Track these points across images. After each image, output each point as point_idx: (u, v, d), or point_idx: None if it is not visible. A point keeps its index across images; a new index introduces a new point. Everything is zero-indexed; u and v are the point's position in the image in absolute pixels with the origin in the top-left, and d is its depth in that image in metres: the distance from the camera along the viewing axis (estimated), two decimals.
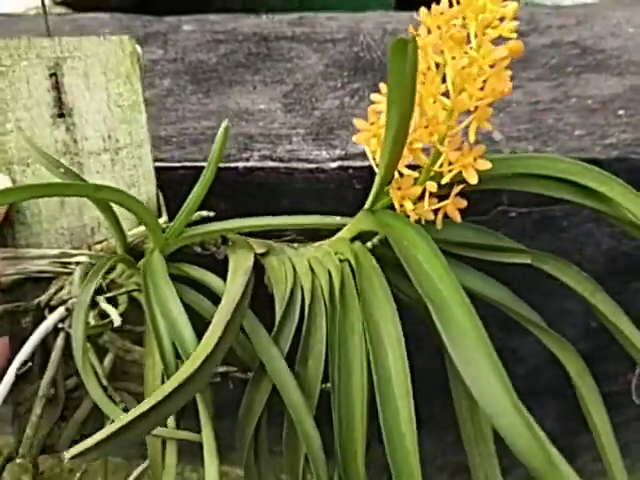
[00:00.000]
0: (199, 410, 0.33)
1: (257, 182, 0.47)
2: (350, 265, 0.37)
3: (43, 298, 0.39)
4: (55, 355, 0.37)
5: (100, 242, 0.42)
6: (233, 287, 0.34)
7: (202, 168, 0.46)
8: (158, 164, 0.46)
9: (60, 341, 0.37)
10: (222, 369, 0.37)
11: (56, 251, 0.39)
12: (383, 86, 0.36)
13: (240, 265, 0.37)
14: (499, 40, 0.32)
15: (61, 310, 0.38)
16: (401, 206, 0.35)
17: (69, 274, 0.39)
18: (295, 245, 0.42)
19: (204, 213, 0.41)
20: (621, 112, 0.53)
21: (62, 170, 0.36)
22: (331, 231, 0.41)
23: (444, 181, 0.34)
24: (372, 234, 0.39)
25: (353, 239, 0.39)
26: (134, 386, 0.39)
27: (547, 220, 0.50)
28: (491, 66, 0.31)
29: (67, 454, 0.26)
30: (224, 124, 0.40)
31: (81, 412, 0.39)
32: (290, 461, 0.33)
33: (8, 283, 0.39)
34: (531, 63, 0.60)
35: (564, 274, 0.37)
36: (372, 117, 0.36)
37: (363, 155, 0.46)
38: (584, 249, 0.52)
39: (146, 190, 0.42)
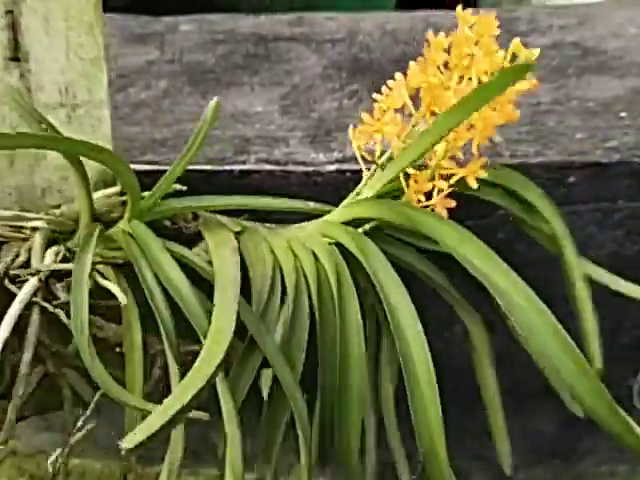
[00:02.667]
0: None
1: (253, 185, 0.47)
2: (342, 250, 0.38)
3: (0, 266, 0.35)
4: (31, 332, 0.34)
5: (57, 207, 0.38)
6: (225, 265, 0.33)
7: (198, 171, 0.46)
8: (154, 167, 0.45)
9: (35, 316, 0.34)
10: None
11: (9, 213, 0.37)
12: (386, 89, 0.38)
13: (222, 241, 0.37)
14: None
15: (34, 282, 0.35)
16: (418, 201, 0.38)
17: (24, 240, 0.36)
18: (268, 225, 0.42)
19: (177, 186, 0.40)
20: (623, 114, 0.52)
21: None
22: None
23: (452, 181, 0.37)
24: (362, 221, 0.40)
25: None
26: None
27: None
28: None
29: None
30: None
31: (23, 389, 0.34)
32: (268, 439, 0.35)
33: None
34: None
35: None
36: (378, 114, 0.38)
37: None
38: (586, 253, 0.51)
39: None
